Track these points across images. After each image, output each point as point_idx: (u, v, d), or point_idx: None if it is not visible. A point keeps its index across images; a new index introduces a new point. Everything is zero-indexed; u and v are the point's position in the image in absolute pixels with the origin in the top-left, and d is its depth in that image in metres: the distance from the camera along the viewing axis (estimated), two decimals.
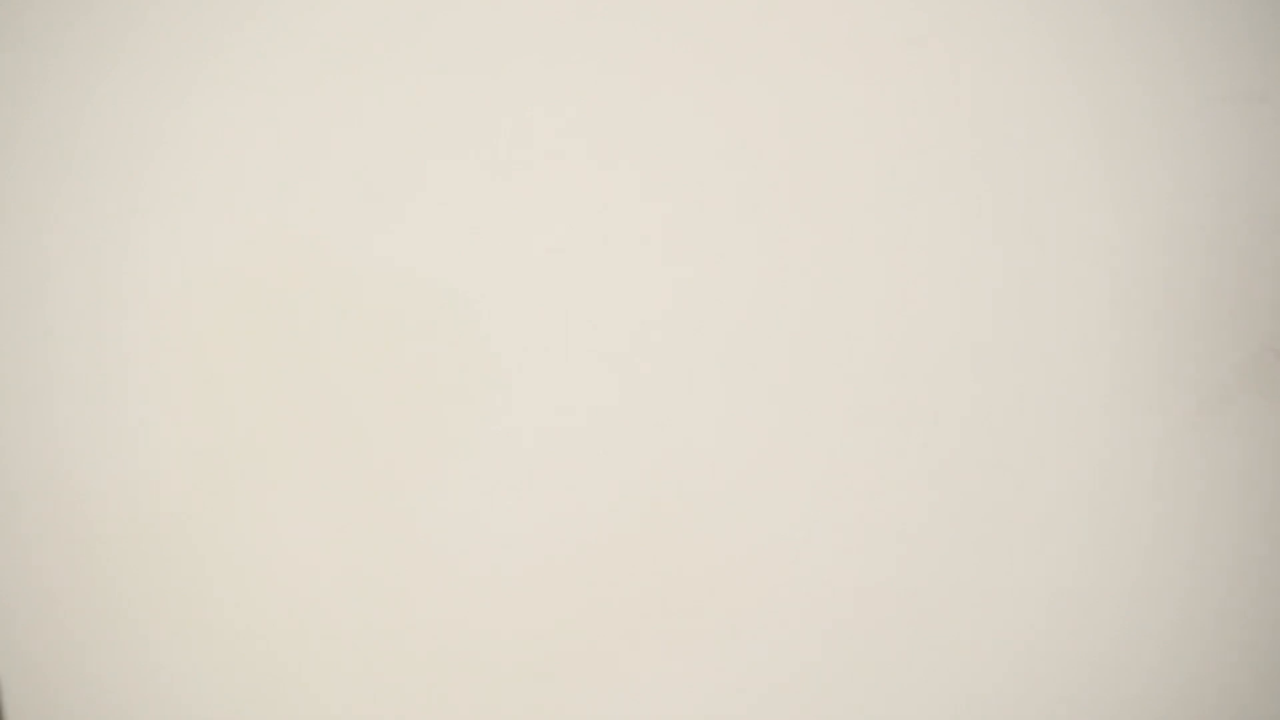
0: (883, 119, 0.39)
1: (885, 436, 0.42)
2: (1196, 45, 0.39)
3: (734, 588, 0.42)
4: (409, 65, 0.38)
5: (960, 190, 0.40)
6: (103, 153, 0.37)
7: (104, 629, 0.41)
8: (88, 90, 0.36)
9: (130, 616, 0.41)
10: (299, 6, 0.37)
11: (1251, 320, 0.40)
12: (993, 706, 0.44)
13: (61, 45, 0.36)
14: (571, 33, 0.38)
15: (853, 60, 0.39)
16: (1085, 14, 0.39)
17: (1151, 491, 0.43)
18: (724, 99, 0.39)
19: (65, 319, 0.38)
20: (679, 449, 0.41)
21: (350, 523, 0.41)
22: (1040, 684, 0.44)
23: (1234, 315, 0.41)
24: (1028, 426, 0.42)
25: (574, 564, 0.42)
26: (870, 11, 0.38)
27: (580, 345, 0.40)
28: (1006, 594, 0.43)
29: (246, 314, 0.38)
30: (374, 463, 0.41)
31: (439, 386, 0.40)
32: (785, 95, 0.39)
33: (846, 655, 0.43)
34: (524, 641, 0.42)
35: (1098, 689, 0.44)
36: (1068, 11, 0.39)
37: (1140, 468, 0.42)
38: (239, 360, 0.39)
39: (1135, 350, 0.41)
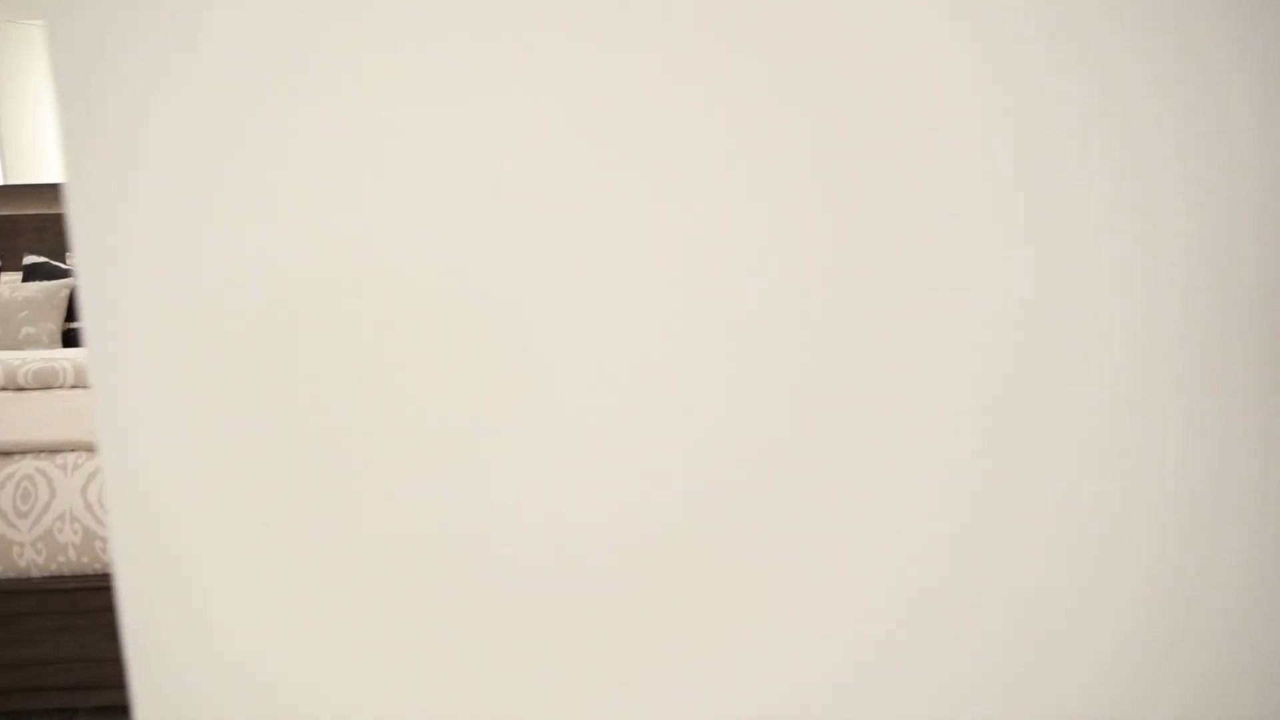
0: (918, 127, 0.39)
1: (932, 439, 0.41)
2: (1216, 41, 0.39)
3: (778, 588, 0.42)
4: (447, 64, 0.38)
5: (997, 198, 0.40)
6: (159, 152, 0.37)
7: (162, 619, 0.41)
8: (146, 92, 0.37)
9: (190, 603, 0.41)
10: (336, 8, 0.37)
11: None
12: (1039, 702, 0.44)
13: (123, 49, 0.37)
14: (608, 27, 0.38)
15: (885, 67, 0.39)
16: (1111, 24, 0.39)
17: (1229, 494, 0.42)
18: (773, 98, 0.38)
19: (117, 315, 0.38)
20: (724, 450, 0.41)
21: (386, 518, 0.41)
22: (1102, 685, 0.44)
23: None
24: (1082, 430, 0.42)
25: (614, 564, 0.41)
26: (902, 16, 0.38)
27: (626, 345, 0.40)
28: (1057, 596, 0.43)
29: (293, 309, 0.39)
30: (416, 456, 0.40)
31: (480, 384, 0.40)
32: (827, 94, 0.39)
33: (895, 659, 0.43)
34: (559, 642, 0.42)
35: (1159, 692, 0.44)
36: (1093, 22, 0.38)
37: (1210, 468, 0.42)
38: (284, 355, 0.39)
39: (1188, 349, 0.41)
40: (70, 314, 3.56)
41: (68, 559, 2.24)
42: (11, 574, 2.25)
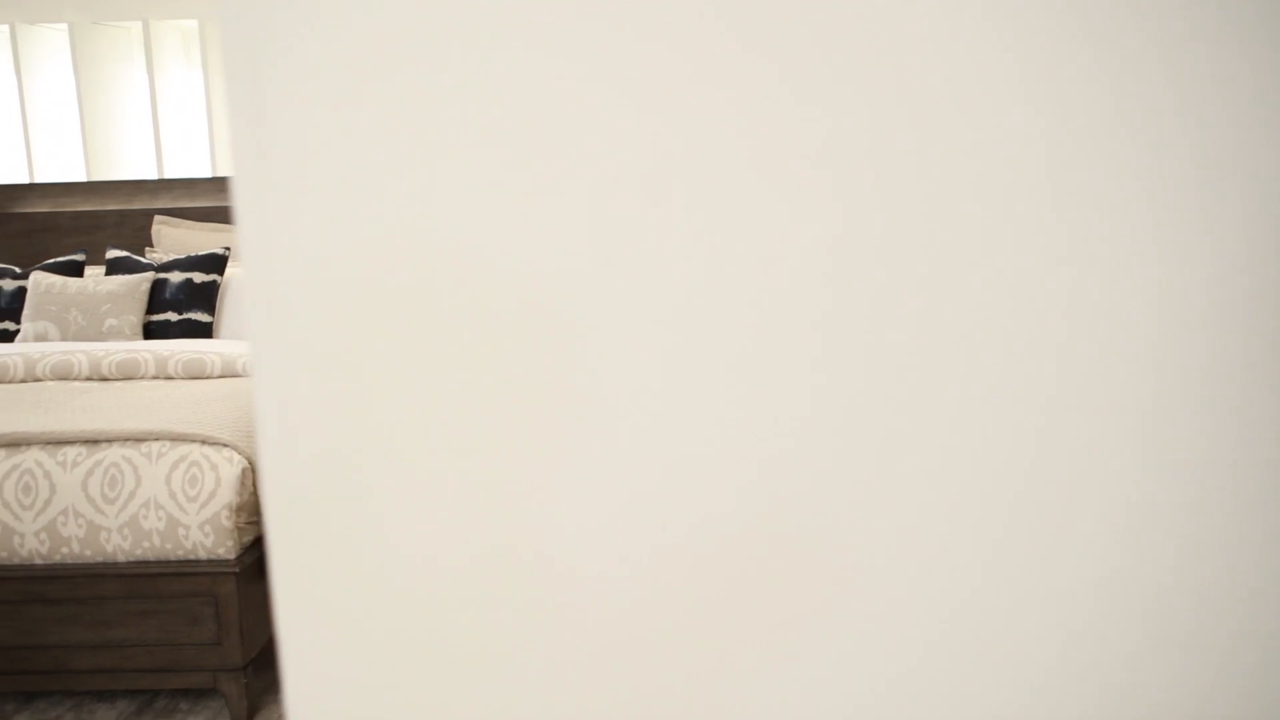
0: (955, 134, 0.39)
1: (977, 446, 0.41)
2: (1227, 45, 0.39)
3: (845, 592, 0.42)
4: (534, 71, 0.38)
5: (1039, 216, 0.40)
6: (318, 153, 0.38)
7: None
8: (307, 93, 0.38)
9: (343, 591, 0.41)
10: (468, 20, 0.38)
11: None
12: (1077, 694, 0.44)
13: (288, 49, 0.37)
14: (685, 28, 0.38)
15: (942, 93, 0.39)
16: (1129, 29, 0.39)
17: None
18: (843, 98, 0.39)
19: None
20: (789, 453, 0.41)
21: (468, 515, 0.41)
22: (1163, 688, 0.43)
23: None
24: (1118, 438, 0.42)
25: (678, 569, 0.42)
26: (927, 21, 0.38)
27: (695, 346, 0.40)
28: (1094, 591, 0.43)
29: (385, 310, 0.39)
30: (491, 458, 0.41)
31: (548, 386, 0.40)
32: (897, 114, 0.39)
33: (938, 664, 0.43)
34: (626, 648, 0.42)
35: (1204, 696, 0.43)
36: (1116, 41, 0.39)
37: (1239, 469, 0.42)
38: (377, 353, 0.40)
39: (1230, 353, 0.41)
40: (151, 306, 3.66)
41: (152, 545, 2.31)
42: (99, 558, 2.32)
